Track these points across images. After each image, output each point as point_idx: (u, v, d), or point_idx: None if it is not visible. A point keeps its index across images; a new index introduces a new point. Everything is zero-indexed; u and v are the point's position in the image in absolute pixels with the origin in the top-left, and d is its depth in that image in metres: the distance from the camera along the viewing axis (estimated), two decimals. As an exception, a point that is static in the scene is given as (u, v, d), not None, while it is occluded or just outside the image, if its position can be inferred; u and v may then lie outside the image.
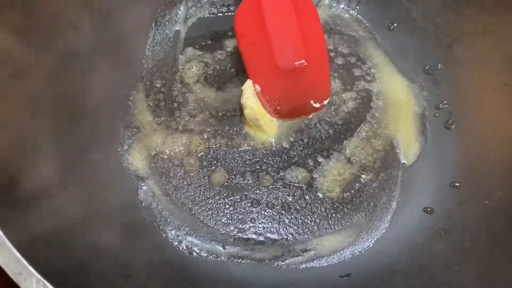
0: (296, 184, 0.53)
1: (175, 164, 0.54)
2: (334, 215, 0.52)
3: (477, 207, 0.48)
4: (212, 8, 0.62)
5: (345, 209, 0.52)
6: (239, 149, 0.55)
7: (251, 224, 0.51)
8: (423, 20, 0.58)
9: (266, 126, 0.54)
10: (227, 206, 0.52)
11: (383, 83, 0.59)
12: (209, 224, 0.51)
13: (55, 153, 0.46)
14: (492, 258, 0.44)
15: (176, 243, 0.50)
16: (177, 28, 0.61)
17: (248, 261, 0.50)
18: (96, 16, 0.53)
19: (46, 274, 0.33)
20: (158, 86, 0.57)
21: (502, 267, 0.43)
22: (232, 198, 0.52)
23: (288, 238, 0.51)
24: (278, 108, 0.55)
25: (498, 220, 0.46)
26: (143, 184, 0.52)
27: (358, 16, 0.63)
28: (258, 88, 0.54)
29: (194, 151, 0.54)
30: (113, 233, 0.46)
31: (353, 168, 0.54)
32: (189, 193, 0.52)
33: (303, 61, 0.51)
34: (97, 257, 0.42)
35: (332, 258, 0.50)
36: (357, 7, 0.63)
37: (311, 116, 0.57)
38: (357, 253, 0.51)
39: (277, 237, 0.51)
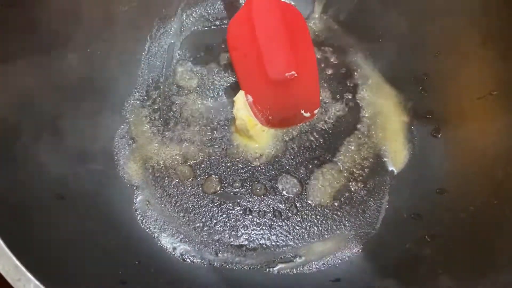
0: (287, 192, 0.54)
1: (170, 173, 0.55)
2: (324, 222, 0.53)
3: (462, 213, 0.49)
4: (206, 22, 0.64)
5: (334, 216, 0.54)
6: (232, 158, 0.56)
7: (243, 231, 0.53)
8: (410, 31, 0.59)
9: (257, 136, 0.56)
10: (220, 213, 0.53)
11: (372, 93, 0.60)
12: (203, 232, 0.52)
13: (52, 162, 0.47)
14: (476, 263, 0.45)
15: (170, 250, 0.51)
16: (172, 41, 0.62)
17: (240, 267, 0.51)
18: (92, 29, 0.55)
19: (44, 280, 0.35)
20: (153, 97, 0.59)
21: (486, 271, 0.44)
22: (225, 205, 0.54)
23: (279, 245, 0.52)
24: (270, 117, 0.56)
25: (482, 225, 0.47)
26: (138, 193, 0.54)
27: (347, 27, 0.64)
28: (250, 98, 0.55)
29: (188, 160, 0.56)
30: (109, 241, 0.47)
31: (343, 176, 0.55)
32: (183, 201, 0.54)
33: (293, 72, 0.52)
34: (93, 264, 0.43)
35: (322, 264, 0.51)
36: (346, 19, 0.64)
37: (302, 125, 0.58)
38: (347, 259, 0.52)
39: (268, 244, 0.52)
